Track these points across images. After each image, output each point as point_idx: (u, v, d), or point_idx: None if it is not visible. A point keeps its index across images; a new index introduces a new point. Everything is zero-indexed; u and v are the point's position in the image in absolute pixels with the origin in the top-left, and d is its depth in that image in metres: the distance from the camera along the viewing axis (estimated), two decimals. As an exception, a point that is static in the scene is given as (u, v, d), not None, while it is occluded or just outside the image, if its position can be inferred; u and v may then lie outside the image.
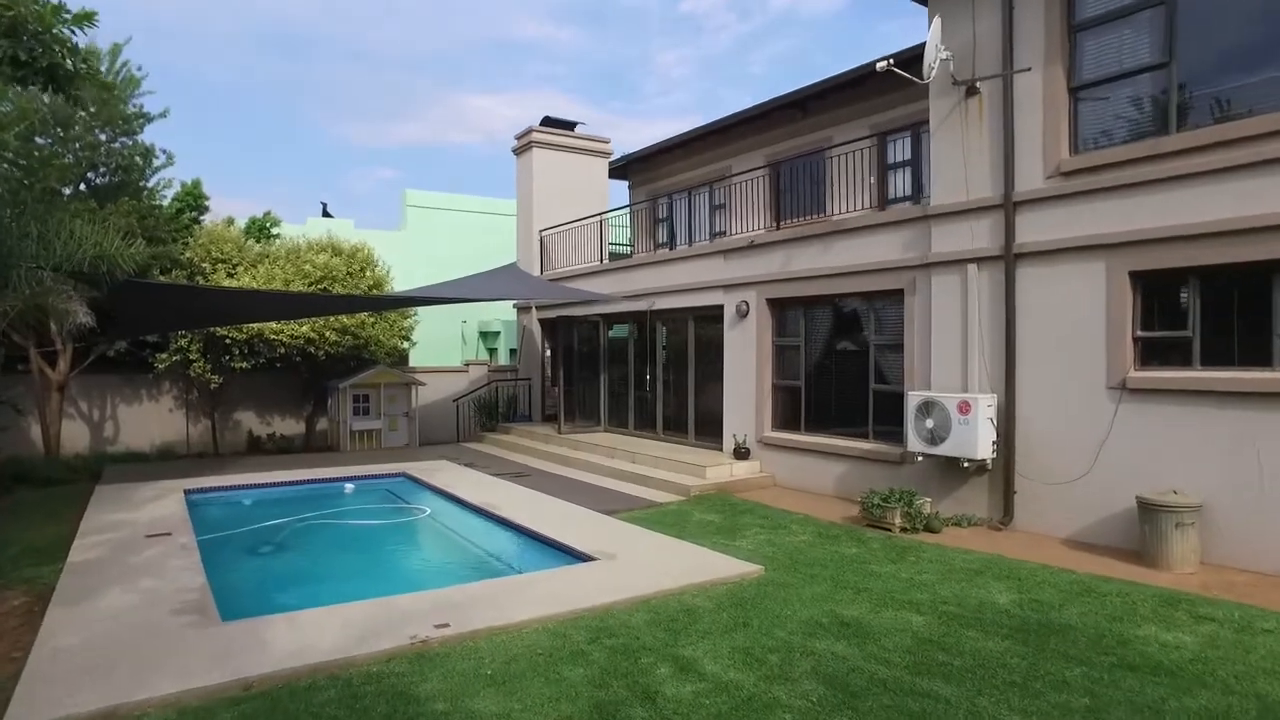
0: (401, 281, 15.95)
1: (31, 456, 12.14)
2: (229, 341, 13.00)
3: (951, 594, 5.70)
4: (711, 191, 14.66)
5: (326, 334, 13.53)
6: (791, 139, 13.78)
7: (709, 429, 12.00)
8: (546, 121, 17.18)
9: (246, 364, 13.33)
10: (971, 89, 7.99)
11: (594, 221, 15.32)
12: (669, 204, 15.98)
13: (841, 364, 10.11)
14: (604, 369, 14.60)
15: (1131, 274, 6.87)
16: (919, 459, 8.31)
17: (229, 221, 14.66)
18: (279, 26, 70.13)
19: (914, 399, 8.25)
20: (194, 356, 13.10)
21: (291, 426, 15.53)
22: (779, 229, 11.29)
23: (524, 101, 73.19)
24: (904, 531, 7.69)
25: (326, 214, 24.08)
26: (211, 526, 8.49)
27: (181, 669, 4.31)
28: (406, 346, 15.89)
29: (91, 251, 6.18)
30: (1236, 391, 6.18)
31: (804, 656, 4.55)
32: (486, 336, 24.24)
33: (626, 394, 14.05)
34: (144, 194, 12.35)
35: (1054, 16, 7.37)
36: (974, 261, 8.01)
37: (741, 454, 10.91)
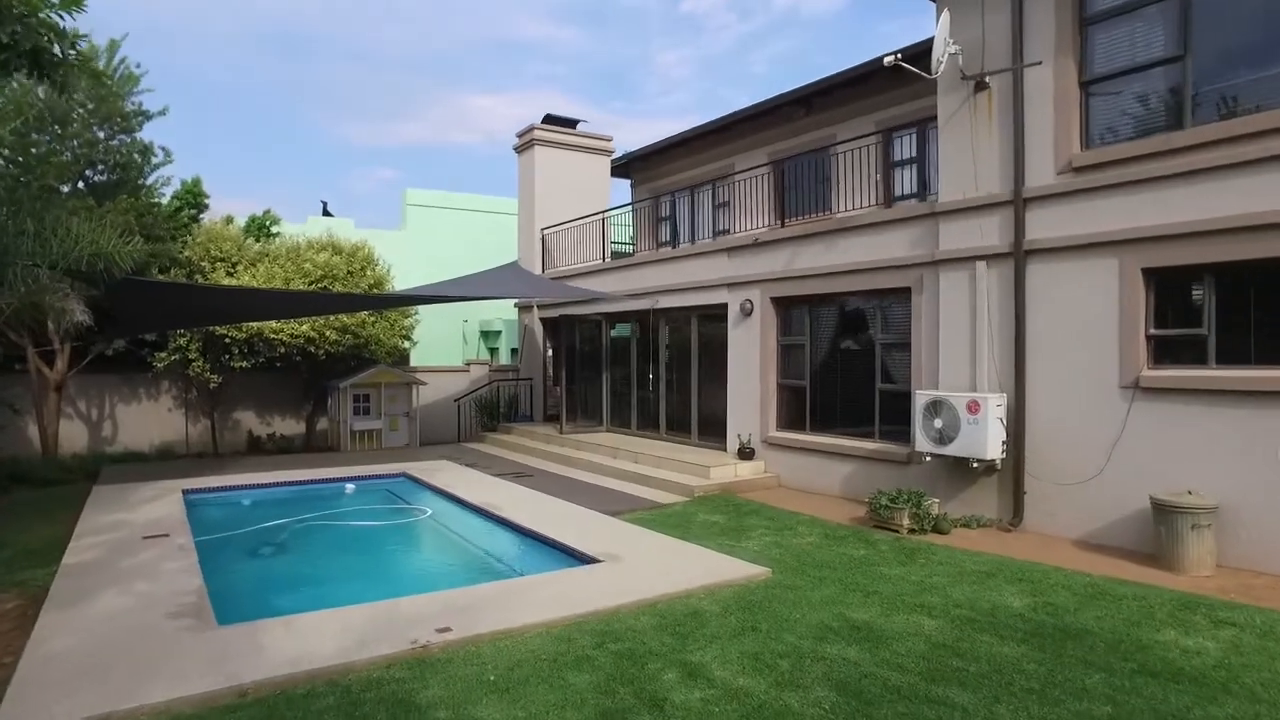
0: (402, 281, 15.83)
1: (29, 456, 12.05)
2: (228, 341, 12.91)
3: (964, 597, 5.58)
4: (714, 189, 14.54)
5: (327, 333, 13.43)
6: (795, 136, 13.66)
7: (713, 429, 11.88)
8: (548, 119, 17.06)
9: (246, 363, 13.24)
10: (980, 84, 7.87)
11: (596, 220, 15.22)
12: (671, 202, 15.85)
13: (847, 363, 9.99)
14: (606, 368, 14.49)
15: (1145, 271, 6.76)
16: (927, 459, 8.19)
17: (228, 220, 14.59)
18: (279, 26, 70.12)
19: (922, 398, 8.14)
20: (193, 356, 13.01)
21: (291, 426, 15.42)
22: (783, 226, 11.18)
23: (525, 101, 73.28)
24: (912, 533, 7.57)
25: (327, 213, 23.96)
26: (210, 528, 8.39)
27: (176, 674, 4.20)
28: (407, 346, 15.79)
29: (88, 249, 6.09)
30: (1254, 390, 6.05)
31: (815, 662, 4.44)
32: (488, 336, 24.12)
33: (629, 393, 13.92)
34: (142, 192, 12.21)
35: (1065, 9, 7.25)
36: (983, 259, 7.90)
37: (746, 454, 10.79)
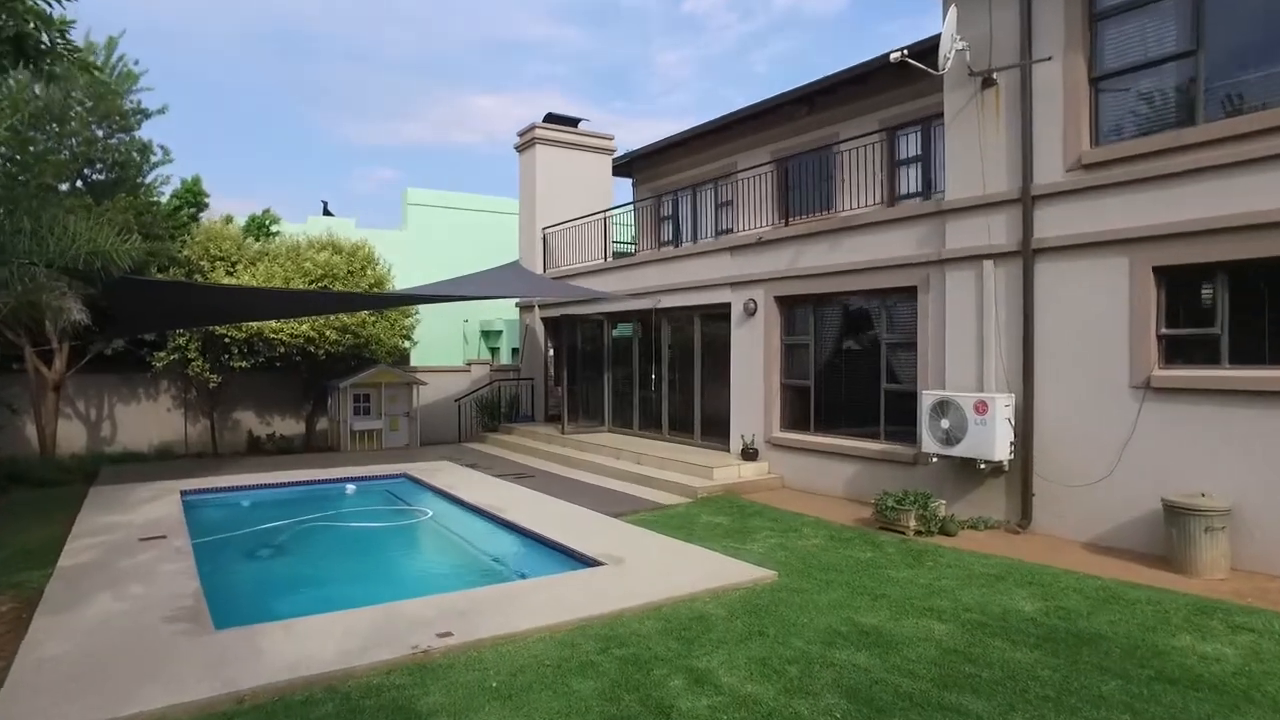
0: (402, 280, 15.74)
1: (27, 457, 11.97)
2: (228, 340, 12.82)
3: (974, 601, 5.49)
4: (717, 188, 14.45)
5: (327, 333, 13.34)
6: (798, 135, 13.56)
7: (715, 429, 11.78)
8: (550, 118, 16.97)
9: (246, 363, 13.16)
10: (988, 80, 7.78)
11: (598, 219, 15.12)
12: (673, 201, 15.76)
13: (852, 363, 9.90)
14: (608, 368, 14.39)
15: (1155, 269, 6.66)
16: (933, 460, 8.10)
17: (228, 219, 14.51)
18: (279, 26, 70.03)
19: (928, 398, 8.04)
20: (192, 355, 12.93)
21: (291, 426, 15.34)
22: (787, 225, 11.09)
23: (526, 101, 73.16)
24: (918, 534, 7.48)
25: (327, 213, 23.87)
26: (208, 529, 8.30)
27: (172, 680, 4.11)
28: (408, 346, 15.70)
29: (86, 247, 6.03)
30: (1268, 390, 5.95)
31: (824, 668, 4.34)
32: (488, 336, 24.02)
33: (631, 394, 13.83)
34: (141, 190, 12.14)
35: (1075, 4, 7.15)
36: (990, 257, 7.80)
37: (749, 455, 10.70)
